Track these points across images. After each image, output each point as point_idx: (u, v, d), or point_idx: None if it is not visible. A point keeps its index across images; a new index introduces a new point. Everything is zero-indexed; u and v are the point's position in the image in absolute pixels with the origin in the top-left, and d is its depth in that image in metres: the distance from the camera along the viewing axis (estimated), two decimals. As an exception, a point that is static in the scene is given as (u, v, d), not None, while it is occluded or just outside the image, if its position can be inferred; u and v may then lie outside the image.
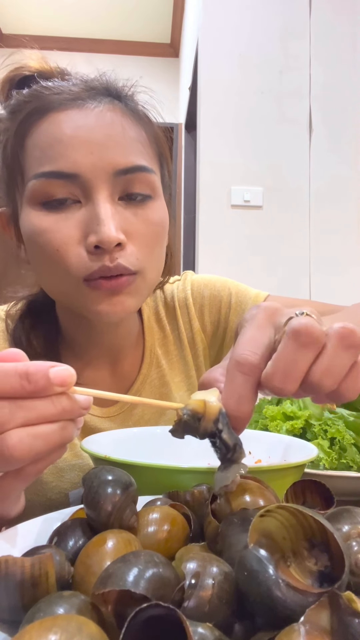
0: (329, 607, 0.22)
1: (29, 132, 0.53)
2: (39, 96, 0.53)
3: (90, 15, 3.35)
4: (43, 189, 0.51)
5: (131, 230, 0.53)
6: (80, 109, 0.52)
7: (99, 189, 0.51)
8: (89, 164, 0.50)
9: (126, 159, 0.52)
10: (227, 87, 2.02)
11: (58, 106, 0.52)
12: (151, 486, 0.41)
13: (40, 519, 0.40)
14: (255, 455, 0.58)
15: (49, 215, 0.51)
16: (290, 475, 0.44)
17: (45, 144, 0.51)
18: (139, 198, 0.54)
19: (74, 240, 0.51)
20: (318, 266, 2.00)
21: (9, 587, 0.26)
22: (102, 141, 0.51)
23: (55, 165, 0.50)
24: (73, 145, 0.50)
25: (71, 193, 0.51)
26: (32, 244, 0.54)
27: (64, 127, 0.51)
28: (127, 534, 0.31)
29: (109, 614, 0.23)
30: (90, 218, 0.51)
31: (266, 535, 0.26)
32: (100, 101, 0.54)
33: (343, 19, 2.07)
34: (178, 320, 0.73)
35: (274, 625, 0.23)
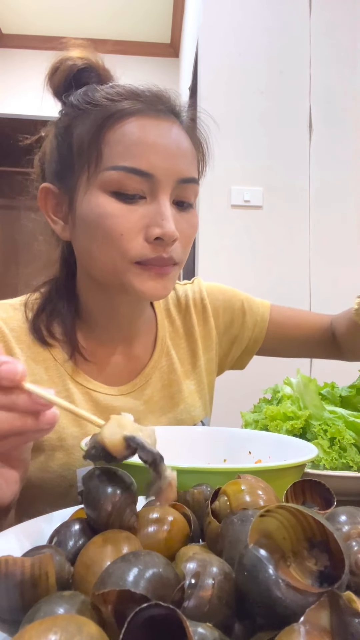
0: (329, 607, 0.22)
1: (112, 128, 0.59)
2: (119, 98, 0.60)
3: (90, 15, 3.35)
4: (120, 179, 0.58)
5: (180, 230, 0.61)
6: (157, 119, 0.60)
7: (165, 191, 0.60)
8: (163, 168, 0.59)
9: (188, 171, 0.62)
10: (227, 87, 2.01)
11: (139, 112, 0.60)
12: None
13: (40, 519, 0.40)
14: (255, 455, 0.58)
15: (119, 205, 0.59)
16: (290, 475, 0.44)
17: (128, 142, 0.58)
18: (185, 205, 0.63)
19: (137, 230, 0.59)
20: (318, 266, 2.00)
21: (9, 587, 0.26)
22: (174, 152, 0.60)
23: (136, 162, 0.58)
24: (154, 149, 0.58)
25: (141, 189, 0.59)
26: (94, 225, 0.60)
27: (148, 133, 0.59)
28: (127, 534, 0.31)
29: (109, 614, 0.23)
30: (155, 213, 0.59)
31: (266, 535, 0.26)
32: (169, 116, 0.62)
33: (343, 19, 2.07)
34: (192, 317, 0.81)
35: (274, 625, 0.23)
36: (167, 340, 0.78)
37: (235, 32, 2.02)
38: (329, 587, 0.24)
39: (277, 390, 0.70)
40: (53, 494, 0.66)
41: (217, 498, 0.36)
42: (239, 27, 2.03)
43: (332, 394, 0.67)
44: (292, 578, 0.25)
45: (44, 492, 0.66)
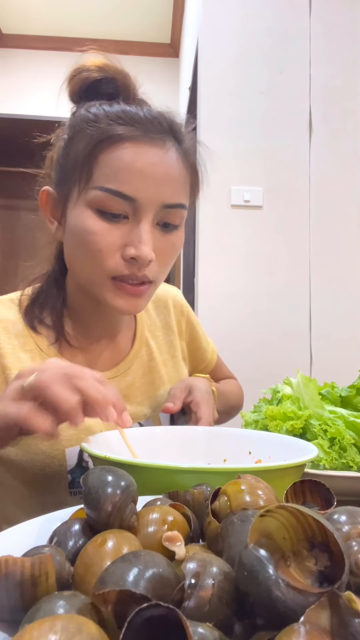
0: (329, 607, 0.22)
1: (104, 150, 0.62)
2: (118, 122, 0.63)
3: (90, 15, 3.35)
4: (104, 200, 0.62)
5: (158, 250, 0.65)
6: (150, 147, 0.63)
7: (147, 214, 0.63)
8: (146, 194, 0.62)
9: (173, 197, 0.65)
10: (227, 87, 2.01)
11: (132, 138, 0.62)
12: (151, 486, 0.41)
13: (40, 519, 0.40)
14: (255, 455, 0.58)
15: (101, 222, 0.62)
16: (290, 475, 0.44)
17: (117, 166, 0.61)
18: (170, 227, 0.66)
19: (115, 248, 0.63)
20: (318, 266, 2.00)
21: (9, 587, 0.26)
22: (161, 179, 0.63)
23: (121, 187, 0.61)
24: (140, 176, 0.61)
25: (124, 210, 0.63)
26: (78, 238, 0.64)
27: (137, 160, 0.62)
28: (127, 534, 0.31)
29: (109, 614, 0.23)
30: (134, 235, 0.62)
31: (266, 535, 0.26)
32: (165, 142, 0.64)
33: (343, 19, 2.07)
34: (170, 313, 0.89)
35: (274, 625, 0.23)
36: (145, 332, 0.84)
37: (235, 32, 2.02)
38: (329, 587, 0.24)
39: (277, 390, 0.69)
40: (44, 475, 0.68)
41: (217, 498, 0.35)
42: (239, 27, 2.03)
43: (332, 394, 0.67)
44: (292, 578, 0.25)
45: (35, 474, 0.68)
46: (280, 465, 0.43)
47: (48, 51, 3.53)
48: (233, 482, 0.36)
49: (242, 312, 1.92)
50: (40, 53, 3.54)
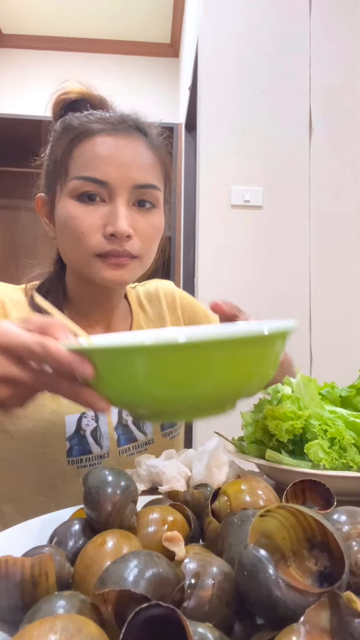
0: (329, 607, 0.22)
1: (77, 146, 0.71)
2: (87, 123, 0.72)
3: (90, 15, 3.35)
4: (80, 187, 0.69)
5: (138, 227, 0.70)
6: (116, 138, 0.71)
7: (120, 195, 0.69)
8: (116, 177, 0.69)
9: (143, 178, 0.71)
10: (227, 87, 2.01)
11: (100, 132, 0.71)
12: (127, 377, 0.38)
13: (40, 519, 0.40)
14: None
15: (81, 207, 0.69)
16: (269, 346, 0.41)
17: (88, 157, 0.69)
18: (147, 206, 0.72)
19: (96, 227, 0.69)
20: (318, 266, 2.00)
21: (9, 587, 0.26)
22: (128, 163, 0.70)
23: (93, 173, 0.68)
24: (107, 161, 0.69)
25: (100, 193, 0.69)
26: (63, 225, 0.71)
27: (103, 148, 0.70)
28: (127, 534, 0.31)
29: (109, 614, 0.23)
30: (111, 214, 0.68)
31: (266, 535, 0.26)
32: (131, 134, 0.72)
33: (343, 19, 2.07)
34: (162, 306, 0.92)
35: (274, 625, 0.23)
36: (141, 324, 0.88)
37: (236, 32, 2.02)
38: (329, 587, 0.24)
39: (277, 390, 0.69)
40: (43, 442, 0.71)
41: (217, 498, 0.36)
42: (239, 27, 2.03)
43: (332, 394, 0.67)
44: (292, 578, 0.25)
45: (36, 441, 0.71)
46: (255, 333, 0.39)
47: (48, 51, 3.53)
48: (233, 482, 0.36)
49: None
50: (40, 53, 3.54)
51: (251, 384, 0.42)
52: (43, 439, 0.71)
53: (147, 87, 3.42)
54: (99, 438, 0.74)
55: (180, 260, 2.80)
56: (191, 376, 0.37)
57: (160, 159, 0.76)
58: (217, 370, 0.37)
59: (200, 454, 0.57)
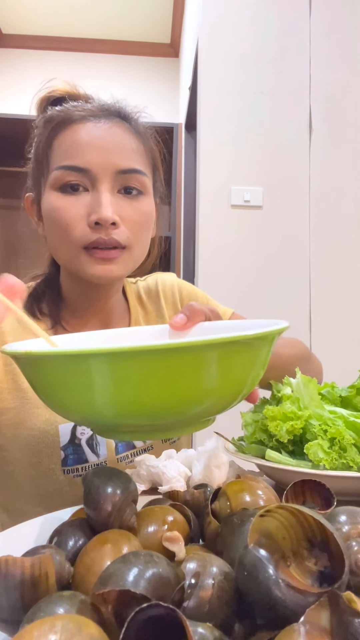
0: (329, 607, 0.22)
1: (56, 136, 0.69)
2: (67, 111, 0.70)
3: (90, 15, 3.35)
4: (62, 177, 0.66)
5: (124, 215, 0.67)
6: (96, 124, 0.68)
7: (103, 182, 0.66)
8: (97, 163, 0.66)
9: (126, 163, 0.67)
10: (227, 87, 2.01)
11: (80, 119, 0.68)
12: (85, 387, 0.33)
13: (40, 519, 0.40)
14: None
15: (64, 197, 0.66)
16: (255, 350, 0.36)
17: (67, 145, 0.67)
18: (133, 192, 0.69)
19: (80, 217, 0.66)
20: (318, 266, 2.00)
21: (9, 587, 0.26)
22: (109, 148, 0.67)
23: (73, 161, 0.66)
24: (87, 148, 0.66)
25: (82, 182, 0.66)
26: (48, 219, 0.68)
27: (82, 135, 0.67)
28: (127, 534, 0.31)
29: (109, 614, 0.23)
30: (94, 202, 0.66)
31: (266, 535, 0.26)
32: (112, 120, 0.70)
33: (343, 19, 2.07)
34: (161, 302, 0.88)
35: (274, 625, 0.23)
36: (140, 322, 0.85)
37: (235, 32, 2.02)
38: (329, 587, 0.24)
39: (277, 390, 0.69)
40: (38, 452, 0.69)
41: (217, 498, 0.36)
42: (239, 27, 2.03)
43: (332, 394, 0.67)
44: (292, 578, 0.25)
45: (30, 450, 0.69)
46: (242, 336, 0.33)
47: (48, 51, 3.53)
48: (233, 482, 0.36)
49: (241, 312, 1.92)
50: (40, 53, 3.54)
51: (221, 399, 0.36)
52: (37, 449, 0.69)
53: (147, 87, 3.42)
54: (95, 446, 0.71)
55: (180, 260, 2.80)
56: (146, 389, 0.32)
57: (145, 145, 0.73)
58: (179, 383, 0.32)
59: (200, 454, 0.57)
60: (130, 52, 3.59)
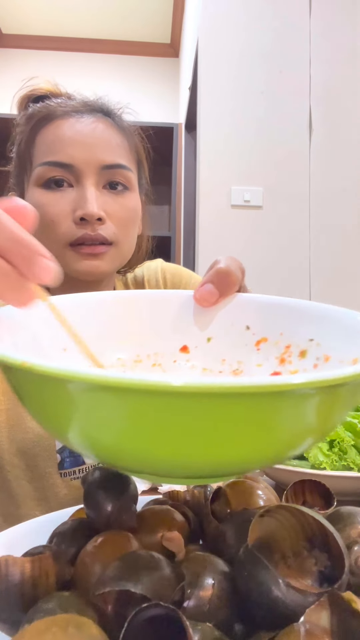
0: (329, 607, 0.22)
1: (38, 132, 0.68)
2: (48, 107, 0.69)
3: (90, 15, 3.35)
4: (45, 173, 0.65)
5: (110, 211, 0.66)
6: (79, 119, 0.67)
7: (87, 177, 0.65)
8: (81, 158, 0.65)
9: (111, 158, 0.67)
10: (227, 87, 2.01)
11: (62, 115, 0.67)
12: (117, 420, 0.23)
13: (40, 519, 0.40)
14: (256, 331, 0.39)
15: (48, 194, 0.65)
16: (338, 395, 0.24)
17: (50, 141, 0.66)
18: (119, 187, 0.68)
19: (65, 214, 0.64)
20: (318, 266, 2.00)
21: (9, 587, 0.26)
22: (93, 142, 0.66)
23: (56, 157, 0.65)
24: (70, 143, 0.65)
25: (66, 178, 0.65)
26: None
27: (65, 130, 0.66)
28: (127, 534, 0.31)
29: (109, 614, 0.23)
30: (79, 198, 0.65)
31: (266, 535, 0.26)
32: (95, 115, 0.69)
33: (343, 19, 2.07)
34: None
35: (274, 625, 0.23)
36: None
37: (236, 32, 2.02)
38: (328, 587, 0.24)
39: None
40: (34, 455, 0.68)
41: (217, 498, 0.36)
42: (239, 26, 2.03)
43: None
44: (292, 578, 0.25)
45: (25, 453, 0.68)
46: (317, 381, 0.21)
47: (48, 51, 3.53)
48: (233, 482, 0.36)
49: (242, 312, 1.92)
50: (40, 53, 3.54)
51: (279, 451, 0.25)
52: (32, 452, 0.68)
53: (147, 87, 3.42)
54: None
55: (180, 260, 2.80)
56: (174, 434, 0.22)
57: (129, 141, 0.72)
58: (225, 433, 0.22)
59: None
60: (130, 52, 3.59)
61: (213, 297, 0.41)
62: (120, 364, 0.39)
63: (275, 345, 0.38)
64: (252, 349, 0.39)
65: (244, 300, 0.42)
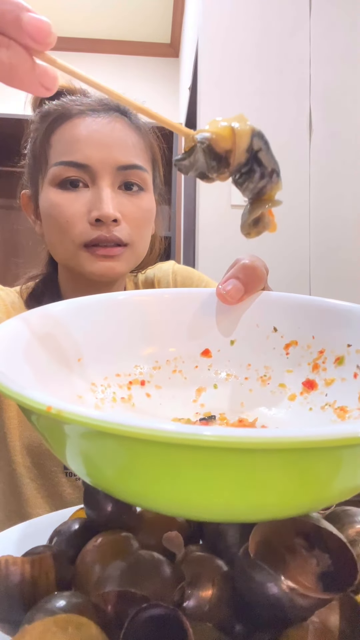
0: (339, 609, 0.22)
1: (55, 131, 0.67)
2: (64, 106, 0.68)
3: (90, 15, 3.35)
4: (61, 173, 0.65)
5: (126, 212, 0.66)
6: (95, 118, 0.67)
7: (103, 178, 0.65)
8: (97, 158, 0.64)
9: (127, 158, 0.66)
10: (227, 87, 2.01)
11: (78, 114, 0.67)
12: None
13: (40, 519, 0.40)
14: (285, 334, 0.35)
15: (63, 194, 0.65)
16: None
17: (66, 140, 0.66)
18: (134, 188, 0.67)
19: (80, 214, 0.64)
20: (318, 266, 1.99)
21: (9, 587, 0.26)
22: (109, 143, 0.65)
23: (72, 157, 0.65)
24: (87, 143, 0.65)
25: (82, 178, 0.65)
26: (47, 216, 0.67)
27: (82, 130, 0.66)
28: (127, 534, 0.31)
29: (109, 614, 0.23)
30: (95, 198, 0.64)
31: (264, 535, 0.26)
32: (111, 114, 0.68)
33: (343, 19, 2.06)
34: None
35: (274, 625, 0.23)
36: None
37: (235, 32, 2.02)
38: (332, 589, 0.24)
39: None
40: (40, 453, 0.68)
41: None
42: (239, 27, 2.03)
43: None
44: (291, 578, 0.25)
45: (32, 451, 0.68)
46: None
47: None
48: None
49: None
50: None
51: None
52: (38, 451, 0.68)
53: (147, 87, 3.42)
54: None
55: (180, 260, 2.80)
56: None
57: (145, 141, 0.72)
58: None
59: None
60: (130, 52, 3.59)
61: (238, 294, 0.38)
62: (138, 372, 0.36)
63: (306, 349, 0.35)
64: (280, 353, 0.36)
65: (271, 299, 0.40)
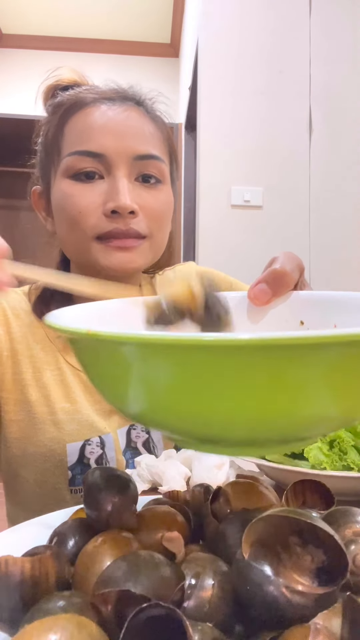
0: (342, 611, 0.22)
1: (68, 120, 0.64)
2: (78, 95, 0.66)
3: (90, 15, 3.35)
4: (75, 163, 0.62)
5: (143, 204, 0.63)
6: (110, 106, 0.64)
7: (119, 168, 0.62)
8: (113, 147, 0.61)
9: (144, 148, 0.63)
10: (227, 87, 2.01)
11: (92, 102, 0.64)
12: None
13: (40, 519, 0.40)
14: (310, 326, 0.39)
15: (77, 185, 0.62)
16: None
17: (80, 129, 0.63)
18: (152, 180, 0.64)
19: (95, 205, 0.61)
20: (318, 266, 2.00)
21: (9, 587, 0.26)
22: (125, 131, 0.62)
23: (86, 146, 0.62)
24: (102, 131, 0.62)
25: (97, 169, 0.62)
26: (59, 209, 0.64)
27: (96, 118, 0.63)
28: (127, 534, 0.31)
29: (109, 614, 0.23)
30: (111, 189, 0.61)
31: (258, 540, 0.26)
32: (126, 104, 0.66)
33: (343, 19, 2.07)
34: None
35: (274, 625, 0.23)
36: None
37: (235, 32, 2.02)
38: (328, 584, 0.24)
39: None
40: (44, 470, 0.66)
41: (217, 498, 0.36)
42: (239, 27, 2.03)
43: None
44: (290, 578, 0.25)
45: (36, 467, 0.66)
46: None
47: (48, 51, 3.53)
48: (233, 482, 0.36)
49: (242, 312, 1.92)
50: (40, 53, 3.54)
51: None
52: (43, 467, 0.66)
53: (147, 87, 3.42)
54: (105, 465, 0.67)
55: (180, 260, 2.80)
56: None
57: (162, 132, 0.68)
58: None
59: (201, 453, 0.57)
60: (130, 52, 3.59)
61: (266, 297, 0.41)
62: None
63: None
64: None
65: (299, 297, 0.43)
